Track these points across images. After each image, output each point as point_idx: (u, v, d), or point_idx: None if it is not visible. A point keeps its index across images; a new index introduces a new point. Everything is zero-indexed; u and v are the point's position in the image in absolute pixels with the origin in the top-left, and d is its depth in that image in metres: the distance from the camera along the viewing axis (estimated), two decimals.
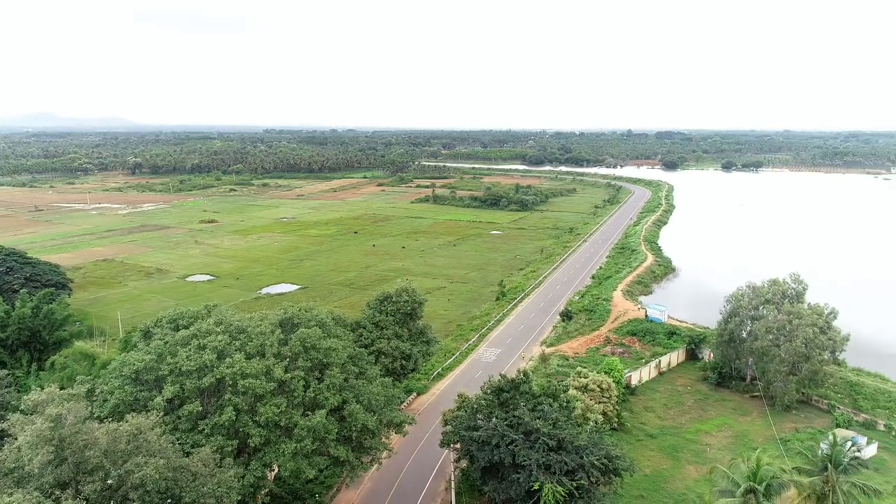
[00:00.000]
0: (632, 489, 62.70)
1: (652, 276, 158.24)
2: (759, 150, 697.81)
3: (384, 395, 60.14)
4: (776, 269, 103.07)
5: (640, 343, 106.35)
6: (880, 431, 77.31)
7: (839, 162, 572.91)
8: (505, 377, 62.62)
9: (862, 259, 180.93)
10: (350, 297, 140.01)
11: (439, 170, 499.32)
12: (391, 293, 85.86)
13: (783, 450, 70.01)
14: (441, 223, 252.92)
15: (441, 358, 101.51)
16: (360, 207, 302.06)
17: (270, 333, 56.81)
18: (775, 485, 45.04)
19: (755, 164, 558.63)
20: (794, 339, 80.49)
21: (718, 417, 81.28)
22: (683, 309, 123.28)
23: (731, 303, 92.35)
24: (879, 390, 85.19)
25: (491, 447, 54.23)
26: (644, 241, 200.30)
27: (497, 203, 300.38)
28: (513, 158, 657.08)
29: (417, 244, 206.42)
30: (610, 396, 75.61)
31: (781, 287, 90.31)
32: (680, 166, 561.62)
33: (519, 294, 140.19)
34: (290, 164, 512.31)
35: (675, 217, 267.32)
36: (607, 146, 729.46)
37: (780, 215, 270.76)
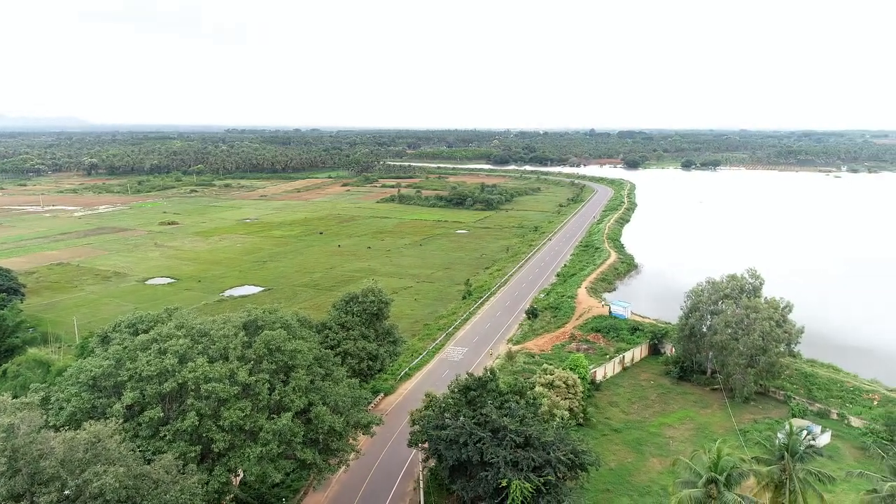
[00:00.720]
0: (598, 483, 63.66)
1: (615, 273, 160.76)
2: (717, 149, 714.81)
3: (351, 396, 59.73)
4: (734, 265, 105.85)
5: (605, 339, 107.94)
6: (833, 420, 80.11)
7: (793, 160, 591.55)
8: (472, 376, 62.86)
9: (814, 254, 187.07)
10: (315, 299, 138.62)
11: (405, 169, 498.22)
12: (357, 294, 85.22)
13: (743, 440, 72.04)
14: (407, 223, 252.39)
15: (408, 358, 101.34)
16: (325, 208, 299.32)
17: (234, 336, 55.86)
18: (735, 474, 46.22)
19: (713, 163, 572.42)
20: (752, 332, 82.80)
21: (681, 410, 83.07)
22: (646, 305, 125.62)
23: (691, 298, 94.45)
24: (832, 380, 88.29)
25: (459, 446, 54.37)
26: (607, 238, 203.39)
27: (462, 202, 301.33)
28: (478, 158, 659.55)
29: (383, 244, 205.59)
30: (575, 392, 76.56)
31: (739, 282, 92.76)
32: (641, 165, 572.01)
33: (485, 293, 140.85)
34: (253, 164, 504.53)
35: (637, 215, 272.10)
36: (571, 146, 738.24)
37: (737, 212, 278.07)
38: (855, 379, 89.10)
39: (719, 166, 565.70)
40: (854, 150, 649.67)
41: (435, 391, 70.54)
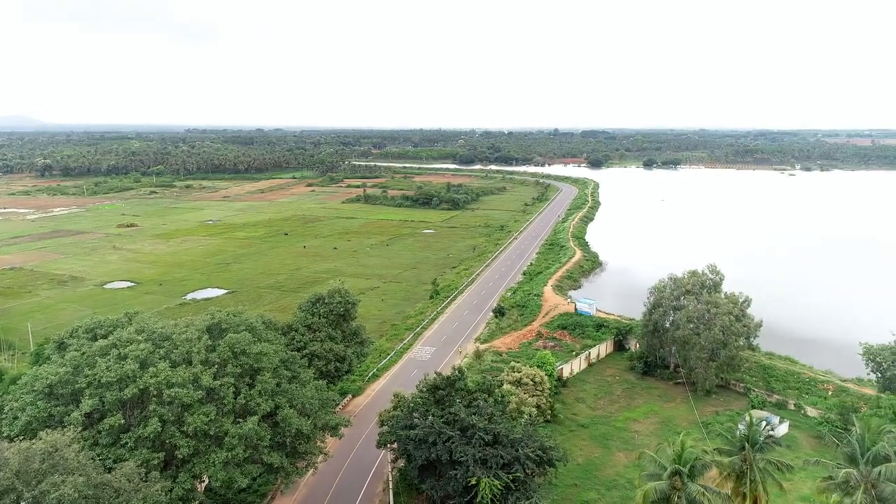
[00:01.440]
0: (565, 478, 64.36)
1: (580, 270, 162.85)
2: (678, 148, 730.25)
3: (318, 398, 59.18)
4: (695, 261, 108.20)
5: (571, 336, 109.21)
6: (791, 411, 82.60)
7: (749, 159, 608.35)
8: (440, 375, 62.85)
9: (770, 249, 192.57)
10: (281, 300, 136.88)
11: (370, 169, 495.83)
12: (323, 295, 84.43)
13: (705, 432, 73.72)
14: (373, 223, 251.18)
15: (376, 358, 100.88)
16: (290, 208, 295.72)
17: (197, 340, 54.77)
18: (698, 466, 47.23)
19: (674, 162, 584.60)
20: (713, 327, 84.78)
21: (645, 405, 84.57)
22: (611, 302, 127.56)
23: (654, 294, 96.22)
24: (789, 372, 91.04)
25: (428, 445, 54.32)
26: (572, 237, 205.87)
27: (429, 202, 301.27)
28: (443, 157, 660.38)
29: (349, 245, 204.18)
30: (543, 389, 77.28)
31: (700, 278, 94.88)
32: (604, 164, 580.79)
33: (452, 292, 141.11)
34: (215, 164, 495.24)
35: (600, 213, 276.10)
36: (535, 145, 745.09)
37: (697, 210, 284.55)
38: (810, 370, 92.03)
39: (680, 165, 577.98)
40: (807, 149, 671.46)
41: (403, 391, 70.37)
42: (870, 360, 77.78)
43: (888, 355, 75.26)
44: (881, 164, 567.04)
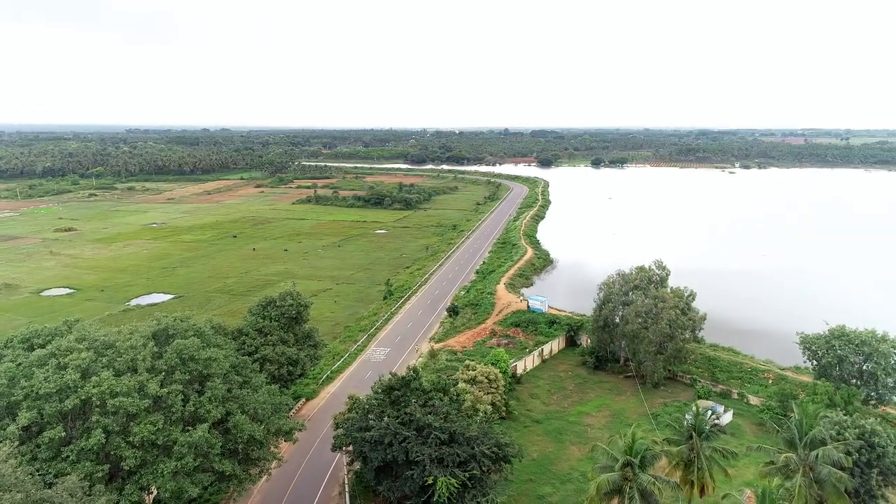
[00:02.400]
0: (521, 474, 65.10)
1: (532, 268, 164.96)
2: (624, 147, 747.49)
3: (271, 403, 58.12)
4: (643, 257, 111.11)
5: (524, 333, 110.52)
6: (734, 400, 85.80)
7: (692, 157, 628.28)
8: (395, 375, 62.65)
9: (711, 243, 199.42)
10: (230, 304, 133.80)
11: (321, 170, 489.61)
12: (274, 297, 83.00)
13: (654, 423, 75.85)
14: (324, 224, 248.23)
15: (329, 361, 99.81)
16: (238, 210, 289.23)
17: (142, 347, 53.01)
18: (649, 456, 48.57)
19: (621, 161, 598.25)
20: (660, 321, 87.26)
21: (597, 399, 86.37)
22: (562, 298, 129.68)
23: (603, 290, 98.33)
24: (732, 363, 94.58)
25: (384, 446, 54.09)
26: (524, 235, 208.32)
27: (381, 202, 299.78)
28: (395, 157, 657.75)
29: (300, 246, 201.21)
30: (498, 387, 77.96)
31: (647, 273, 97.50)
32: (554, 163, 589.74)
33: (406, 292, 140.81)
34: (159, 165, 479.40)
35: (551, 212, 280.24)
36: (486, 145, 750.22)
37: (644, 207, 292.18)
38: (752, 360, 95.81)
39: (626, 164, 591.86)
40: (745, 147, 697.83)
41: (358, 393, 69.84)
42: (806, 349, 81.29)
43: (823, 344, 78.89)
44: (813, 161, 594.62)
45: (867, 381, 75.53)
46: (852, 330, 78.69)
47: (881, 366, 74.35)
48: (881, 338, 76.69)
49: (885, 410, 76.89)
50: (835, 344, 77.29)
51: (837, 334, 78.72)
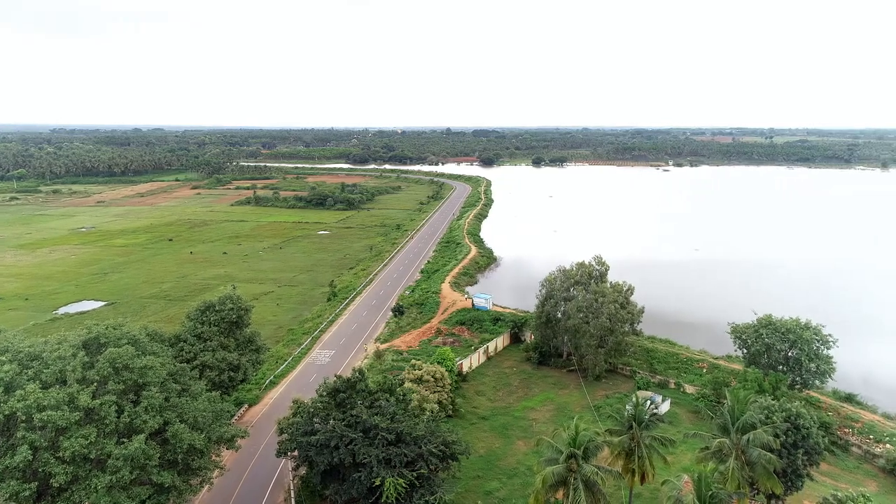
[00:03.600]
0: (469, 471, 65.62)
1: (476, 266, 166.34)
2: (564, 146, 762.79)
3: (212, 410, 56.43)
4: (583, 253, 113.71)
5: (469, 331, 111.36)
6: (672, 389, 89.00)
7: (628, 156, 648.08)
8: (340, 377, 61.96)
9: (648, 238, 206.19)
10: (167, 310, 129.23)
11: (260, 170, 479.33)
12: (214, 302, 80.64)
13: (597, 415, 77.81)
14: (265, 225, 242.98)
15: (273, 365, 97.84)
16: (174, 212, 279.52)
17: (72, 357, 50.51)
18: (592, 447, 49.78)
19: (561, 160, 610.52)
20: (601, 315, 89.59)
21: (542, 393, 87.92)
22: (506, 296, 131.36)
23: (545, 287, 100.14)
24: (669, 353, 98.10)
25: (330, 450, 53.44)
26: (467, 234, 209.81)
27: (323, 203, 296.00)
28: (337, 157, 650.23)
29: (240, 249, 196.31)
30: (444, 385, 78.25)
31: (587, 269, 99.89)
32: (496, 162, 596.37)
33: (351, 293, 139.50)
34: (87, 167, 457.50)
35: (494, 210, 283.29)
36: (429, 144, 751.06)
37: (583, 204, 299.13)
38: (687, 351, 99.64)
39: (566, 162, 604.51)
40: (678, 146, 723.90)
41: (302, 397, 68.68)
42: (736, 338, 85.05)
43: (751, 333, 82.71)
44: (741, 159, 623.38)
45: (792, 367, 79.65)
46: (778, 319, 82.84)
47: (805, 352, 78.55)
48: (804, 325, 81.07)
49: (808, 394, 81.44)
50: (762, 333, 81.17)
51: (765, 323, 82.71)
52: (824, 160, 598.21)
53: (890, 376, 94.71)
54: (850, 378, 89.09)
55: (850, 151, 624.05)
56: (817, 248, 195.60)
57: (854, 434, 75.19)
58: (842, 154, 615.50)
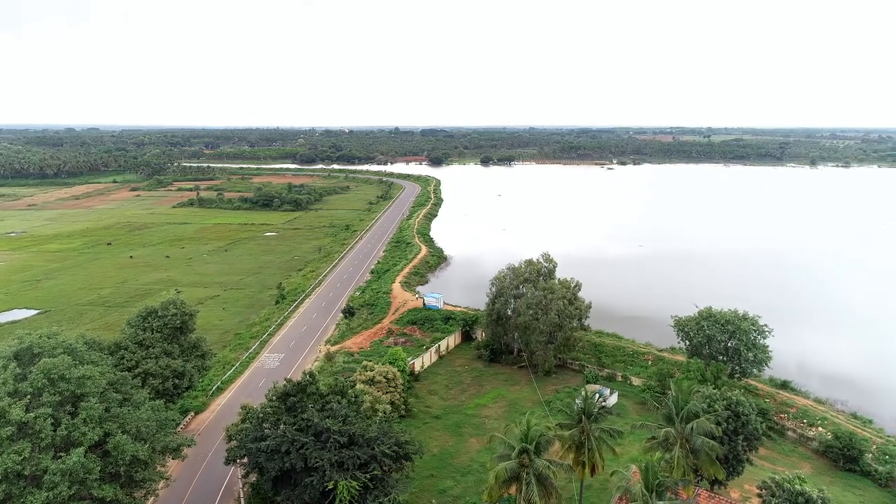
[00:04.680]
0: (422, 470, 65.62)
1: (427, 266, 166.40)
2: (511, 145, 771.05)
3: (155, 419, 54.65)
4: (531, 251, 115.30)
5: (421, 331, 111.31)
6: (619, 382, 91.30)
7: (574, 155, 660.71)
8: (291, 381, 60.91)
9: (594, 235, 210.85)
10: (106, 317, 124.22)
11: (203, 171, 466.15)
12: (156, 307, 78.11)
13: (547, 410, 79.06)
14: (209, 228, 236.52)
15: (219, 371, 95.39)
16: (112, 215, 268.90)
17: (2, 369, 48.04)
18: (543, 442, 50.54)
19: (509, 159, 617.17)
20: (550, 311, 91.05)
21: (494, 390, 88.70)
22: (457, 294, 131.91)
23: (495, 285, 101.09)
24: (616, 347, 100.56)
25: (281, 455, 52.47)
26: (417, 233, 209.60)
27: (269, 204, 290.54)
28: (283, 157, 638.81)
29: (183, 252, 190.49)
30: (396, 385, 78.01)
31: (536, 266, 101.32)
32: (445, 162, 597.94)
33: (299, 295, 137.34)
34: (16, 169, 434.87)
35: (443, 209, 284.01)
36: (377, 144, 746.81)
37: (531, 202, 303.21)
38: (633, 344, 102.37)
39: (514, 162, 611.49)
40: (622, 145, 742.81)
41: (251, 402, 67.31)
42: (679, 331, 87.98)
43: (693, 325, 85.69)
44: (681, 157, 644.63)
45: (732, 357, 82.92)
46: (718, 311, 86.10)
47: (743, 342, 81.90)
48: (742, 317, 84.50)
49: (747, 382, 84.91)
50: (704, 325, 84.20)
51: (706, 315, 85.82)
52: (758, 158, 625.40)
53: (821, 363, 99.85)
54: (785, 365, 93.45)
55: (782, 150, 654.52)
56: (753, 241, 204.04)
57: (789, 419, 78.90)
58: (774, 152, 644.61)
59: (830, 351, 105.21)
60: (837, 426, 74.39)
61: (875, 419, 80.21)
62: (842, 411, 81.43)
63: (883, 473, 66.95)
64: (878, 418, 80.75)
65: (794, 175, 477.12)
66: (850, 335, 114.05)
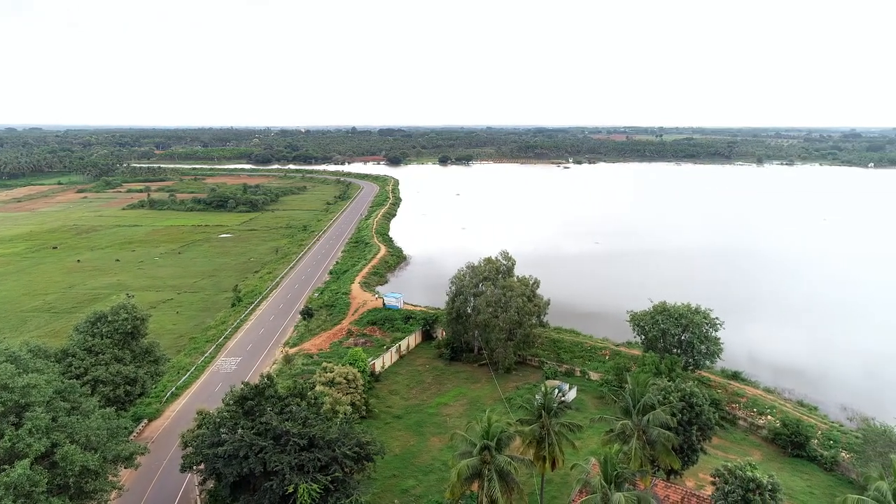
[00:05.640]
0: (384, 471, 65.34)
1: (386, 266, 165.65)
2: (469, 145, 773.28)
3: (106, 428, 52.85)
4: (490, 249, 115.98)
5: (381, 331, 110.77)
6: (578, 377, 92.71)
7: (531, 154, 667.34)
8: (248, 384, 59.74)
9: (552, 233, 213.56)
10: (52, 324, 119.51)
11: (154, 172, 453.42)
12: (105, 312, 75.49)
13: (508, 406, 79.68)
14: (161, 230, 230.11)
15: (174, 376, 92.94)
16: (57, 218, 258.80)
17: None
18: (504, 438, 50.90)
19: (467, 158, 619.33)
20: (509, 309, 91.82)
21: (455, 389, 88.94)
22: (417, 294, 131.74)
23: (455, 283, 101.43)
24: (574, 343, 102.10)
25: (239, 460, 51.40)
26: (376, 233, 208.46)
27: (224, 205, 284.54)
28: (238, 157, 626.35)
29: (134, 255, 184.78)
30: (357, 386, 77.42)
31: (495, 265, 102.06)
32: (403, 161, 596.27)
33: (256, 297, 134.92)
34: None
35: (402, 209, 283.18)
36: (334, 143, 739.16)
37: (490, 201, 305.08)
38: (591, 339, 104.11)
39: (472, 161, 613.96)
40: (577, 144, 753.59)
41: (208, 407, 65.76)
42: (635, 325, 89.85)
43: (648, 320, 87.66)
44: (634, 156, 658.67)
45: (685, 350, 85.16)
46: (672, 305, 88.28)
47: (696, 335, 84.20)
48: (695, 310, 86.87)
49: (700, 374, 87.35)
50: (658, 319, 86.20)
51: (660, 310, 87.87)
52: (708, 156, 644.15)
53: (769, 353, 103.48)
54: (736, 357, 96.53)
55: (730, 148, 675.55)
56: (705, 237, 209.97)
57: (740, 408, 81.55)
58: (723, 151, 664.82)
59: (778, 342, 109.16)
60: (785, 414, 77.24)
61: (820, 406, 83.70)
62: (789, 400, 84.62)
63: (828, 458, 69.89)
64: (822, 405, 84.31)
65: (742, 173, 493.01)
66: (796, 326, 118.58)
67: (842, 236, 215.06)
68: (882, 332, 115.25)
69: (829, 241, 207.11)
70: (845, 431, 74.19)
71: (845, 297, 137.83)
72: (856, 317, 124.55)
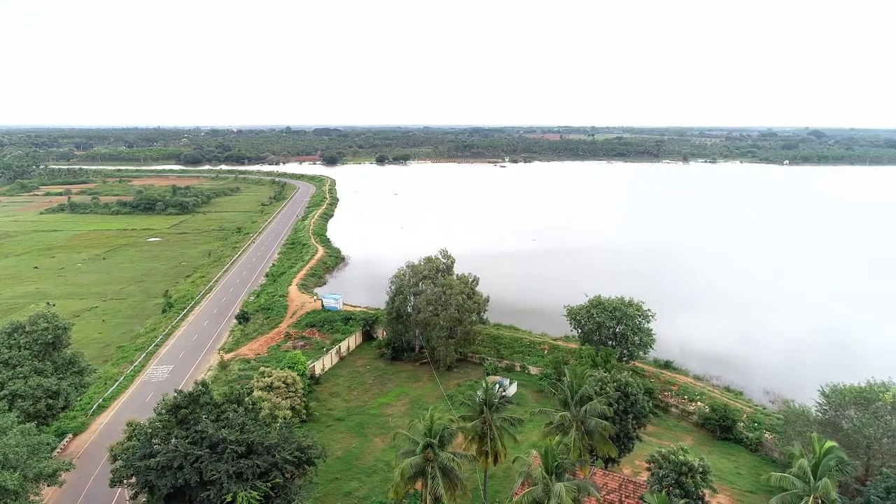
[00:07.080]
0: (327, 474, 64.43)
1: (324, 267, 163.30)
2: (406, 144, 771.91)
3: (26, 444, 49.91)
4: (430, 248, 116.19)
5: (320, 333, 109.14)
6: (518, 372, 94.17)
7: (468, 153, 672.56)
8: (181, 392, 57.58)
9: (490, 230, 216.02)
10: None
11: (75, 174, 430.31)
12: (23, 322, 71.21)
13: (450, 404, 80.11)
14: (84, 235, 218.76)
15: (101, 387, 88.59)
16: None
17: None
18: (447, 435, 51.13)
19: (404, 158, 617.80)
20: (449, 307, 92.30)
21: (396, 388, 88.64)
22: (357, 294, 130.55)
23: (395, 283, 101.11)
24: (514, 339, 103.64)
25: (173, 471, 49.47)
26: (313, 234, 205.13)
27: (152, 207, 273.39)
28: (166, 158, 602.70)
29: (54, 262, 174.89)
30: (296, 390, 75.99)
31: (435, 263, 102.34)
32: (340, 161, 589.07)
33: (189, 303, 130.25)
34: None
35: (340, 209, 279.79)
36: (268, 143, 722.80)
37: (428, 200, 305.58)
38: (530, 335, 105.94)
39: (409, 160, 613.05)
40: (513, 143, 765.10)
41: (138, 418, 62.99)
42: (572, 319, 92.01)
43: (584, 313, 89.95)
44: (568, 155, 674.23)
45: (620, 341, 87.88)
46: (606, 298, 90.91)
47: (629, 327, 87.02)
48: (628, 303, 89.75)
49: (634, 364, 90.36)
50: (593, 312, 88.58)
51: (595, 303, 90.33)
52: (638, 155, 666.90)
53: (698, 343, 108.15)
54: (668, 347, 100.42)
55: (658, 147, 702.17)
56: (637, 232, 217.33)
57: (672, 396, 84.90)
58: (652, 149, 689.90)
59: (705, 332, 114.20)
60: (714, 400, 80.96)
61: (745, 391, 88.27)
62: (717, 386, 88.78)
63: (753, 440, 73.77)
64: (747, 390, 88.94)
65: (669, 170, 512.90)
66: (722, 317, 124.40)
67: (761, 230, 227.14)
68: (799, 319, 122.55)
69: (750, 235, 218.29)
70: (768, 414, 78.50)
71: (766, 288, 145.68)
72: (775, 306, 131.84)
